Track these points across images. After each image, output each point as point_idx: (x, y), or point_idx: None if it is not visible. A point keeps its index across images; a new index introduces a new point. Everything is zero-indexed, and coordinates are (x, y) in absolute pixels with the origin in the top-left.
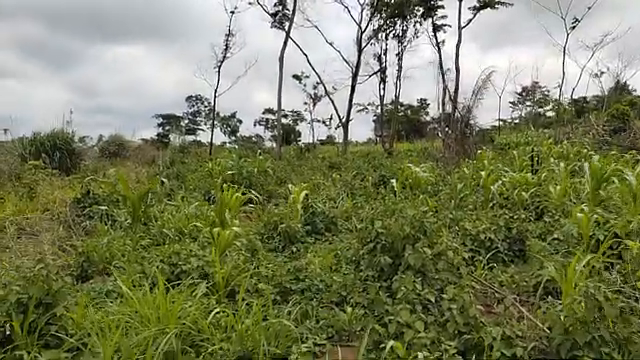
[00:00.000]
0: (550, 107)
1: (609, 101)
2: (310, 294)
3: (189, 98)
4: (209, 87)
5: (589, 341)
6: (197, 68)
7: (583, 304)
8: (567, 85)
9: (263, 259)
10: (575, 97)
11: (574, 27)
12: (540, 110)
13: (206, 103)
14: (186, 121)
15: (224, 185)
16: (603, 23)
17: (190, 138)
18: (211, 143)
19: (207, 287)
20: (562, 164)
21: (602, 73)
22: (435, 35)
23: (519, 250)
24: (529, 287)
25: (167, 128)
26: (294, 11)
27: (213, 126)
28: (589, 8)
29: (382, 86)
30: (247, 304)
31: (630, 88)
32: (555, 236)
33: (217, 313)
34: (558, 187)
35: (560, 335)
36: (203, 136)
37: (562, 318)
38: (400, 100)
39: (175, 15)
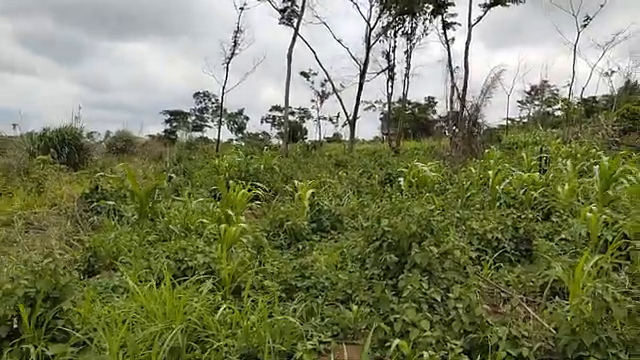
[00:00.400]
0: (559, 106)
1: (619, 101)
2: (315, 292)
3: (196, 94)
4: (217, 83)
5: (596, 342)
6: (205, 64)
7: (590, 305)
8: (577, 84)
9: (269, 256)
10: (585, 96)
11: (585, 25)
12: (549, 109)
13: (213, 100)
14: (193, 117)
15: (230, 182)
16: (615, 22)
17: (197, 135)
18: (218, 140)
19: (213, 283)
20: (569, 163)
21: (612, 72)
22: (445, 33)
23: (526, 250)
24: (536, 287)
25: (174, 124)
26: (303, 7)
27: (220, 123)
28: (601, 6)
29: (390, 84)
30: (252, 301)
31: None
32: (563, 236)
33: (223, 310)
34: (566, 187)
35: (567, 336)
36: (210, 133)
37: (569, 319)
38: (408, 98)
39: (183, 11)
